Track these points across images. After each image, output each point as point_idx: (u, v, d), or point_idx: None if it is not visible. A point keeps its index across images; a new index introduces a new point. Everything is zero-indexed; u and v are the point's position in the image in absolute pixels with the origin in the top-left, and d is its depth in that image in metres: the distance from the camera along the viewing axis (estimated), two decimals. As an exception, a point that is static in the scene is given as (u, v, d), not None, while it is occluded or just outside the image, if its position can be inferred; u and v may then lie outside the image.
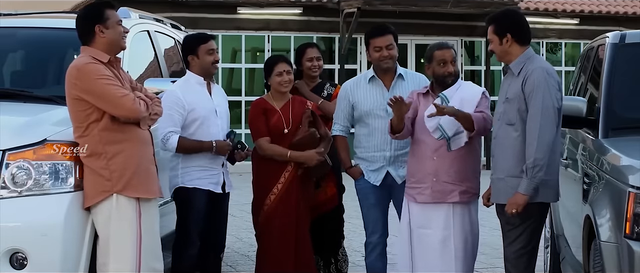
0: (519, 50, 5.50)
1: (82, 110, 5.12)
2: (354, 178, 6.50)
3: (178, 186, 6.24)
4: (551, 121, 5.31)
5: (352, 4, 18.62)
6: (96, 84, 5.07)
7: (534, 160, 5.24)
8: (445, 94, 5.89)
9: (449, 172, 5.89)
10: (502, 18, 5.59)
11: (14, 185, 5.09)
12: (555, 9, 20.98)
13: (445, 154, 5.87)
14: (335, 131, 6.56)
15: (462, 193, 5.91)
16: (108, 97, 5.07)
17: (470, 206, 5.97)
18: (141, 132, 5.28)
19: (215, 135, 6.25)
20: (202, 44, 6.30)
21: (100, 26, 5.19)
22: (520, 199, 5.29)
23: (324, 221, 6.82)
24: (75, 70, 5.13)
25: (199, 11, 18.77)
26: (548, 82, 5.33)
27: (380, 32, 6.41)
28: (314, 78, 6.98)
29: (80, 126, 5.15)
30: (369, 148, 6.41)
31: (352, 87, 6.51)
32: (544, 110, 5.29)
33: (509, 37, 5.48)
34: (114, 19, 5.25)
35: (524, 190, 5.28)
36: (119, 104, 5.08)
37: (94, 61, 5.15)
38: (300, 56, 6.99)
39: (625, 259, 4.73)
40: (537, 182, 5.27)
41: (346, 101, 6.48)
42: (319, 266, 6.97)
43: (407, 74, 6.49)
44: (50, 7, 9.08)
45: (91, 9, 5.30)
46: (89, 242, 5.17)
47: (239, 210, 11.22)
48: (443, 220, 5.92)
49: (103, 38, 5.20)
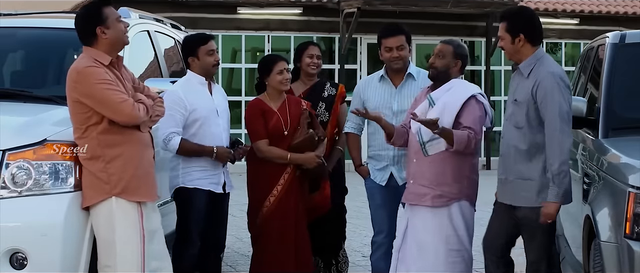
0: (530, 50, 5.44)
1: (82, 113, 5.10)
2: (363, 176, 6.52)
3: (178, 186, 6.24)
4: (568, 127, 5.29)
5: (352, 4, 18.62)
6: (95, 88, 5.04)
7: (559, 166, 5.20)
8: (432, 96, 5.83)
9: (426, 175, 5.79)
10: (517, 17, 5.52)
11: (14, 185, 5.08)
12: (555, 9, 20.98)
13: (423, 157, 5.79)
14: (347, 128, 6.57)
15: (435, 198, 5.78)
16: (107, 102, 5.05)
17: (451, 209, 5.82)
18: (141, 135, 5.26)
19: (216, 135, 6.25)
20: (202, 45, 6.30)
21: (102, 27, 5.15)
22: (552, 208, 5.26)
23: (325, 222, 6.81)
24: (75, 72, 5.10)
25: (199, 11, 18.77)
26: (560, 87, 5.29)
27: (392, 33, 6.40)
28: (312, 76, 6.94)
29: (80, 128, 5.14)
30: (375, 146, 6.43)
31: (364, 85, 6.53)
32: (562, 118, 5.25)
33: (522, 37, 5.42)
34: (114, 17, 5.21)
35: (554, 198, 5.25)
36: (117, 110, 5.06)
37: (94, 64, 5.11)
38: (301, 52, 6.95)
39: (625, 259, 4.73)
40: (565, 188, 5.24)
41: (358, 98, 6.49)
42: (319, 268, 6.96)
43: (419, 74, 6.45)
44: (50, 7, 9.08)
45: (89, 10, 5.24)
46: (89, 242, 5.17)
47: (239, 210, 11.19)
48: (422, 222, 5.85)
49: (105, 39, 5.17)
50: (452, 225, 5.84)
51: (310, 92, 6.90)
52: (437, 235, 5.82)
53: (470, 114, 5.73)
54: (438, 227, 5.82)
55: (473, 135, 5.65)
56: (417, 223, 5.88)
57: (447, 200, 5.81)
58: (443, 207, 5.81)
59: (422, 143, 5.71)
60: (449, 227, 5.83)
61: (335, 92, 6.89)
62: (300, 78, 6.95)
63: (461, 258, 5.88)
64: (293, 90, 6.91)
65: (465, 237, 5.88)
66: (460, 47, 5.98)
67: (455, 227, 5.84)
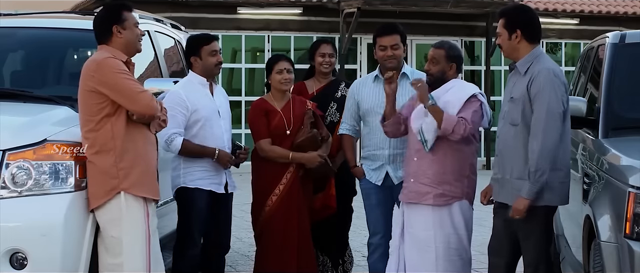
0: (527, 48, 5.42)
1: (96, 104, 5.12)
2: (357, 177, 6.52)
3: (180, 186, 6.24)
4: (555, 125, 5.23)
5: (352, 4, 18.62)
6: (116, 77, 5.09)
7: (536, 164, 5.19)
8: (433, 95, 5.83)
9: (427, 174, 5.80)
10: (514, 13, 5.51)
11: (14, 185, 5.09)
12: (555, 9, 20.97)
13: (424, 156, 5.79)
14: (342, 130, 6.56)
15: (437, 196, 5.80)
16: (126, 91, 5.09)
17: (452, 208, 5.84)
18: (150, 134, 5.32)
19: (218, 136, 6.25)
20: (205, 45, 6.31)
21: (118, 26, 5.24)
22: (523, 203, 5.25)
23: (332, 222, 6.82)
24: (94, 63, 5.16)
25: (199, 11, 18.77)
26: (554, 84, 5.26)
27: (387, 31, 6.40)
28: (326, 75, 6.96)
29: (92, 119, 5.14)
30: (370, 146, 6.42)
31: (358, 86, 6.53)
32: (549, 114, 5.21)
33: (519, 34, 5.40)
34: (132, 21, 5.31)
35: (526, 194, 5.24)
36: (137, 99, 5.10)
37: (113, 56, 5.19)
38: (313, 51, 6.98)
39: (625, 259, 4.73)
40: (539, 186, 5.22)
41: (353, 99, 6.50)
42: (327, 267, 6.98)
43: (413, 74, 6.45)
44: (50, 7, 9.08)
45: (109, 10, 5.36)
46: (89, 242, 5.17)
47: (239, 210, 11.19)
48: (422, 221, 5.85)
49: (120, 38, 5.25)
50: (452, 224, 5.84)
51: (323, 90, 6.94)
52: (437, 234, 5.82)
53: (468, 110, 5.75)
54: (439, 225, 5.82)
55: (463, 122, 5.64)
56: (416, 222, 5.88)
57: (449, 199, 5.82)
58: (444, 206, 5.82)
59: (424, 141, 5.73)
60: (450, 226, 5.84)
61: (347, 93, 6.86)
62: (315, 76, 6.97)
63: (459, 257, 5.88)
64: (306, 88, 6.95)
65: (464, 237, 5.89)
66: (452, 49, 5.98)
67: (455, 226, 5.84)
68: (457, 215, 5.84)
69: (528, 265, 5.44)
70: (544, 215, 5.39)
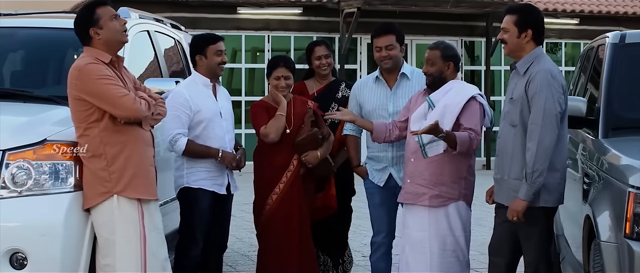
0: (531, 48, 5.42)
1: (83, 110, 5.12)
2: (361, 177, 6.52)
3: (183, 186, 6.24)
4: (552, 126, 5.23)
5: (352, 4, 18.62)
6: (96, 83, 5.06)
7: (533, 165, 5.19)
8: (431, 98, 5.83)
9: (424, 175, 5.81)
10: (528, 12, 5.49)
11: (14, 185, 5.09)
12: (555, 9, 20.98)
13: (421, 157, 5.80)
14: (346, 130, 6.56)
15: (433, 198, 5.81)
16: (108, 97, 5.07)
17: (449, 209, 5.84)
18: (143, 133, 5.28)
19: (220, 137, 6.25)
20: (211, 45, 6.32)
21: (94, 28, 5.21)
22: (520, 205, 5.24)
23: (332, 222, 6.83)
24: (76, 70, 5.14)
25: (199, 11, 18.77)
26: (551, 85, 5.25)
27: (381, 32, 6.38)
28: (325, 76, 6.97)
29: (81, 126, 5.15)
30: (374, 148, 6.42)
31: (360, 87, 6.53)
32: (545, 115, 5.21)
33: (529, 33, 5.39)
34: (106, 17, 5.24)
35: (523, 196, 5.24)
36: (119, 104, 5.08)
37: (95, 61, 5.15)
38: (309, 55, 6.99)
39: (625, 259, 4.73)
40: (536, 188, 5.22)
41: (355, 100, 6.50)
42: (328, 267, 6.98)
43: (413, 73, 6.44)
44: (50, 7, 9.08)
45: (82, 13, 5.31)
46: (89, 242, 5.17)
47: (239, 210, 11.21)
48: (418, 222, 5.86)
49: (99, 39, 5.21)
50: (449, 226, 5.84)
51: (324, 91, 6.95)
52: (433, 235, 5.82)
53: (470, 115, 5.74)
54: (434, 227, 5.82)
55: (474, 136, 5.68)
56: (412, 223, 5.88)
57: (445, 200, 5.82)
58: (440, 207, 5.82)
59: (422, 145, 5.72)
60: (446, 228, 5.84)
61: (348, 93, 6.85)
62: (314, 77, 6.98)
63: (456, 259, 5.88)
64: (307, 87, 6.95)
65: (461, 238, 5.88)
66: (447, 49, 5.97)
67: (452, 227, 5.84)
68: (453, 217, 5.84)
69: (528, 265, 5.44)
70: (544, 215, 5.39)
